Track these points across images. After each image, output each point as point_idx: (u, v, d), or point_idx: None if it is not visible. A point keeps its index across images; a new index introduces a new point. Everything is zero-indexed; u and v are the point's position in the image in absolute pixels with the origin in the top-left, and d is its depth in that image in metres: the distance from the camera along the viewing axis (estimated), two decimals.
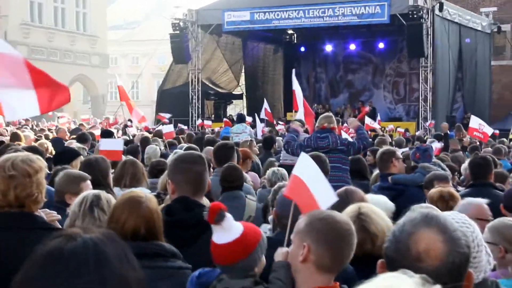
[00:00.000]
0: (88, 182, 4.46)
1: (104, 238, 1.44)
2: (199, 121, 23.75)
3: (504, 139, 16.11)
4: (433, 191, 4.99)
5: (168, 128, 12.65)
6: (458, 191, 6.15)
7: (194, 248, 3.11)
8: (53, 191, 4.47)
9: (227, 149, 6.49)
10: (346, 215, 2.66)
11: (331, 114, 7.87)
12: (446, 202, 4.73)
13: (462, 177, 7.50)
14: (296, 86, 12.75)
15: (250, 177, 6.80)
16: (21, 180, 2.99)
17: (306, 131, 11.76)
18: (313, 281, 2.40)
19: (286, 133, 14.25)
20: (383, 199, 4.17)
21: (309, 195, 3.02)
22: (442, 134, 12.95)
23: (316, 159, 5.10)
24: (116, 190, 5.20)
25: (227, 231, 2.63)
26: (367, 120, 17.24)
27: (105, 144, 7.44)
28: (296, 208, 2.96)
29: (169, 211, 3.27)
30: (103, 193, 3.70)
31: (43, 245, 1.40)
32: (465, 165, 7.22)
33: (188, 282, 2.79)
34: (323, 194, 3.06)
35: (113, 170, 5.58)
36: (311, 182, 3.05)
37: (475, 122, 13.90)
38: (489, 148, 11.99)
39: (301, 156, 3.20)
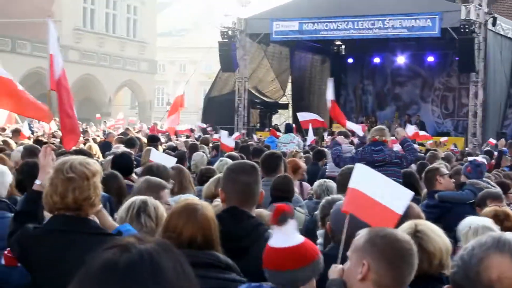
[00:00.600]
0: (167, 190, 4.42)
1: (159, 248, 1.39)
2: (235, 134, 23.74)
3: None
4: (487, 210, 4.83)
5: (229, 142, 11.90)
6: None
7: (244, 260, 3.05)
8: (105, 196, 4.46)
9: (274, 158, 6.44)
10: (402, 232, 2.55)
11: (383, 126, 7.71)
12: (501, 222, 4.55)
13: None
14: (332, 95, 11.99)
15: (304, 187, 6.74)
16: (79, 182, 2.99)
17: (351, 143, 11.62)
18: None
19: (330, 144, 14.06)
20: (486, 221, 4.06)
21: (375, 204, 2.90)
22: (497, 151, 12.65)
23: None
24: None
25: (287, 236, 2.51)
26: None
27: (155, 157, 7.16)
28: (352, 222, 2.87)
29: (218, 221, 3.22)
30: (150, 199, 3.68)
31: (97, 257, 1.36)
32: None
33: None
34: (395, 197, 2.93)
35: None
36: (375, 190, 2.92)
37: None
38: None
39: (356, 168, 3.09)
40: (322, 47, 29.65)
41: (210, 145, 12.74)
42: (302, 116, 17.60)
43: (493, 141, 20.04)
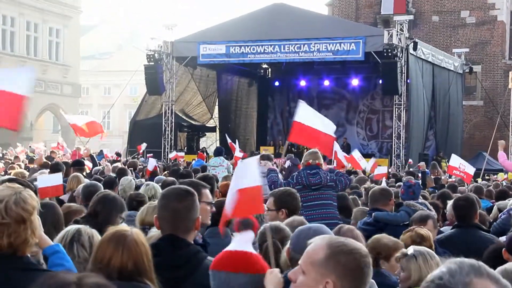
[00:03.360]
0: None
1: None
2: (172, 154, 23.45)
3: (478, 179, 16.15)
4: (403, 237, 4.89)
5: (151, 164, 12.13)
6: (441, 231, 6.07)
7: None
8: None
9: (208, 180, 6.29)
10: (359, 244, 2.42)
11: (316, 150, 7.66)
12: (419, 244, 4.62)
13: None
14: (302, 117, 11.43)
15: None
16: (15, 227, 2.70)
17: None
18: None
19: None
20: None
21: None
22: (420, 172, 12.92)
23: (290, 196, 4.92)
24: None
25: (244, 242, 2.55)
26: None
27: (42, 181, 6.79)
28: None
29: (155, 250, 3.04)
30: (85, 228, 3.48)
31: None
32: (450, 203, 7.11)
33: None
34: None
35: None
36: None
37: (455, 160, 13.83)
38: (464, 187, 11.94)
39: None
40: (249, 70, 29.83)
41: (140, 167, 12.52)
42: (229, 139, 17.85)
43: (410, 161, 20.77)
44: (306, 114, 6.74)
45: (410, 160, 22.02)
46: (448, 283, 1.55)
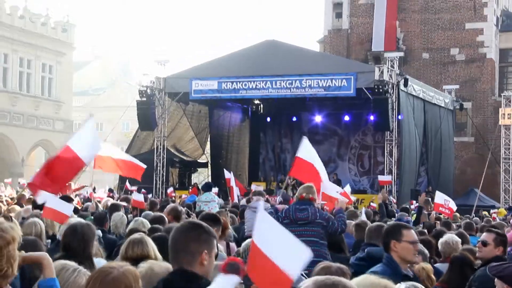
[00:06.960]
0: None
1: None
2: (169, 189, 23.50)
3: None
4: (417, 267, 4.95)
5: (138, 197, 12.09)
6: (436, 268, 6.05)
7: None
8: None
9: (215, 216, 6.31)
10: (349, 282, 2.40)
11: (312, 184, 7.60)
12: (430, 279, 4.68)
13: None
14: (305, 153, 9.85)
15: (231, 248, 6.58)
16: None
17: (267, 201, 11.51)
18: None
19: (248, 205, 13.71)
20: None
21: (271, 265, 2.50)
22: (417, 207, 12.86)
23: None
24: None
25: (228, 285, 2.52)
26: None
27: (52, 203, 6.63)
28: None
29: (166, 284, 3.02)
30: (69, 266, 3.39)
31: None
32: (441, 240, 7.07)
33: None
34: (292, 257, 2.53)
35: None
36: (273, 248, 2.55)
37: (440, 197, 13.91)
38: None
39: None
40: (241, 106, 29.94)
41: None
42: (227, 174, 17.71)
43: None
44: (307, 151, 6.80)
45: (412, 201, 21.54)
46: None
